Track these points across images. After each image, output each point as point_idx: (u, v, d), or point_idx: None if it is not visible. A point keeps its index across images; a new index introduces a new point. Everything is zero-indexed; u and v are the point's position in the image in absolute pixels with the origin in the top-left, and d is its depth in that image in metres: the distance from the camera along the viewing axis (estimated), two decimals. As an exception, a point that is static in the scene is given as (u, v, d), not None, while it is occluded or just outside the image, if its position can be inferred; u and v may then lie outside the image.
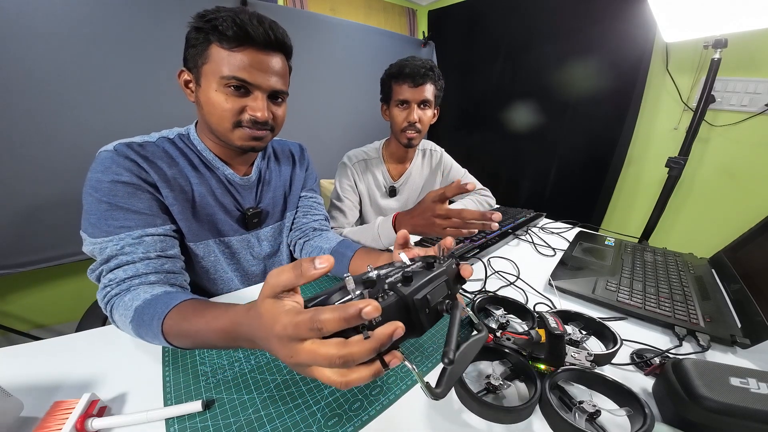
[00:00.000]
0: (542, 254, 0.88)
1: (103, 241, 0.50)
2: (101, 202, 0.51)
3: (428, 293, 0.32)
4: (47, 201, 1.17)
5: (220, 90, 0.55)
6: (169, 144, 0.61)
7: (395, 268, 0.37)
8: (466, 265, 0.40)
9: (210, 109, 0.57)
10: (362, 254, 0.65)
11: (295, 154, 0.82)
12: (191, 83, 0.59)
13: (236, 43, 0.53)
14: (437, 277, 0.35)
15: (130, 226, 0.51)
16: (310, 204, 0.82)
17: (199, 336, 0.39)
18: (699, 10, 0.96)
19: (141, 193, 0.54)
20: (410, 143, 1.02)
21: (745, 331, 0.53)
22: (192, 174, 0.62)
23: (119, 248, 0.50)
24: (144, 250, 0.51)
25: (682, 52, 1.37)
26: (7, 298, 1.32)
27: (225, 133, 0.59)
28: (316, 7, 1.94)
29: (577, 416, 0.37)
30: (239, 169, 0.68)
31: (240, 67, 0.54)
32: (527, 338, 0.45)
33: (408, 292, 0.30)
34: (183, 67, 0.59)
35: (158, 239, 0.54)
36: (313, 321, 0.25)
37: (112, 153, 0.54)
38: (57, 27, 1.09)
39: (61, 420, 0.34)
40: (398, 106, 0.99)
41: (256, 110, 0.57)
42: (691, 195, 1.44)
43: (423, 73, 0.94)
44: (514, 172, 2.06)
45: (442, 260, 0.39)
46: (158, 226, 0.54)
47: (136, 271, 0.50)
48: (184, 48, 0.58)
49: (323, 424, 0.37)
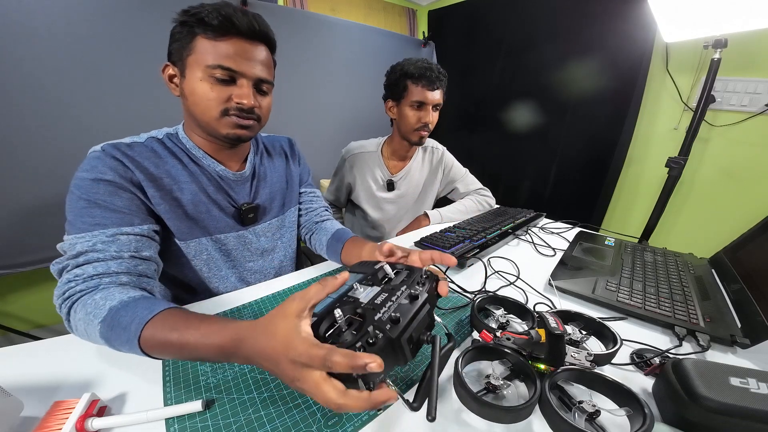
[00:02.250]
0: (542, 254, 0.88)
1: (74, 237, 0.49)
2: (80, 199, 0.50)
3: (413, 331, 0.35)
4: (47, 201, 1.17)
5: (206, 79, 0.55)
6: (158, 143, 0.61)
7: (381, 290, 0.41)
8: (444, 284, 0.44)
9: (195, 99, 0.57)
10: (350, 245, 0.71)
11: (286, 149, 0.83)
12: (176, 77, 0.59)
13: (221, 33, 0.54)
14: (421, 309, 0.38)
15: (106, 224, 0.50)
16: (309, 200, 0.86)
17: (187, 349, 0.38)
18: (699, 10, 0.96)
19: (122, 191, 0.53)
20: (421, 141, 1.10)
21: (745, 331, 0.53)
22: (181, 172, 0.61)
23: (91, 245, 0.48)
24: (117, 248, 0.49)
25: (682, 52, 1.37)
26: (7, 298, 1.32)
27: (211, 122, 0.59)
28: (316, 7, 1.94)
29: (576, 416, 0.37)
30: (231, 165, 0.68)
31: (225, 56, 0.55)
32: (527, 338, 0.45)
33: (396, 335, 0.33)
34: (167, 61, 0.59)
35: (133, 238, 0.52)
36: (326, 359, 0.29)
37: (100, 152, 0.54)
38: (56, 27, 1.09)
39: (61, 420, 0.34)
40: (413, 106, 1.03)
41: (242, 97, 0.57)
42: (691, 195, 1.44)
43: (440, 78, 1.01)
44: (515, 172, 2.06)
45: (422, 281, 0.43)
46: (135, 225, 0.53)
47: (107, 268, 0.48)
48: (169, 43, 0.58)
49: (323, 424, 0.37)
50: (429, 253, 0.52)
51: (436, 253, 0.52)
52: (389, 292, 0.39)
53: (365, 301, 0.38)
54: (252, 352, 0.34)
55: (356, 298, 0.39)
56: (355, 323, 0.36)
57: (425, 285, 0.42)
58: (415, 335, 0.35)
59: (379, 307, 0.36)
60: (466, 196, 1.25)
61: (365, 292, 0.40)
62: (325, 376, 0.30)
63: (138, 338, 0.39)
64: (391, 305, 0.37)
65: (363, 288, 0.41)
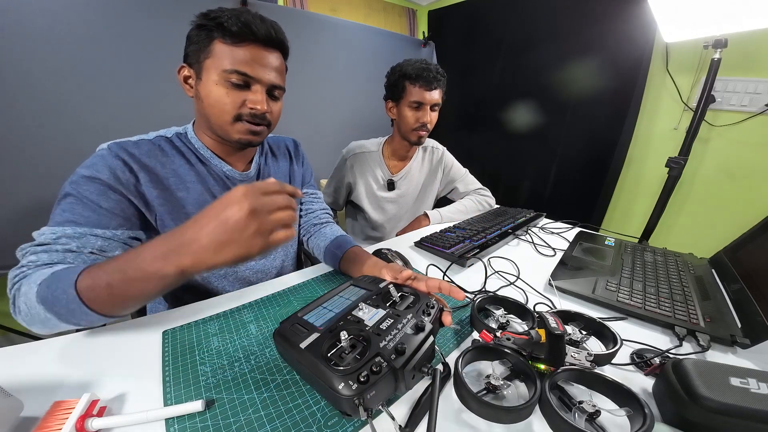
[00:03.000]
0: (542, 254, 0.88)
1: (47, 228, 0.49)
2: (69, 194, 0.51)
3: (416, 362, 0.36)
4: (47, 201, 1.15)
5: (221, 84, 0.56)
6: (166, 142, 0.62)
7: (387, 314, 0.42)
8: (448, 315, 0.45)
9: (210, 102, 0.58)
10: (351, 255, 0.68)
11: (290, 150, 0.84)
12: (191, 78, 0.59)
13: (239, 39, 0.55)
14: (425, 341, 0.39)
15: (80, 222, 0.50)
16: (310, 200, 0.87)
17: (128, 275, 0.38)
18: (699, 10, 0.96)
19: (111, 192, 0.53)
20: (420, 141, 1.10)
21: (745, 331, 0.53)
22: (189, 172, 0.62)
23: (55, 238, 0.48)
24: (80, 245, 0.49)
25: (682, 52, 1.37)
26: (7, 298, 1.32)
27: (224, 126, 0.60)
28: (316, 7, 1.94)
29: (576, 416, 0.37)
30: (237, 165, 0.69)
31: (242, 61, 0.56)
32: (527, 338, 0.45)
33: (400, 365, 0.34)
34: (183, 63, 0.60)
35: (101, 240, 0.51)
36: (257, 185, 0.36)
37: (106, 151, 0.55)
38: (57, 27, 1.09)
39: (61, 420, 0.34)
40: (411, 106, 1.04)
41: (256, 103, 0.58)
42: (691, 195, 1.44)
43: (438, 77, 1.01)
44: (515, 172, 2.06)
45: (428, 311, 0.44)
46: (109, 228, 0.52)
47: (62, 258, 0.47)
48: (186, 45, 0.59)
49: (323, 424, 0.37)
50: (438, 282, 0.53)
51: (445, 284, 0.52)
52: (395, 319, 0.40)
53: (370, 324, 0.39)
54: (199, 226, 0.37)
55: (361, 319, 0.40)
56: (358, 346, 0.37)
57: (431, 315, 0.43)
58: (417, 366, 0.37)
59: (384, 333, 0.38)
60: (466, 196, 1.25)
61: (370, 313, 0.41)
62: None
63: (76, 293, 0.39)
64: (397, 333, 0.38)
65: (368, 309, 0.42)
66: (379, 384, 0.32)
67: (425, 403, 0.37)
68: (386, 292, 0.48)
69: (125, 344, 0.49)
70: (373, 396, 0.32)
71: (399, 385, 0.35)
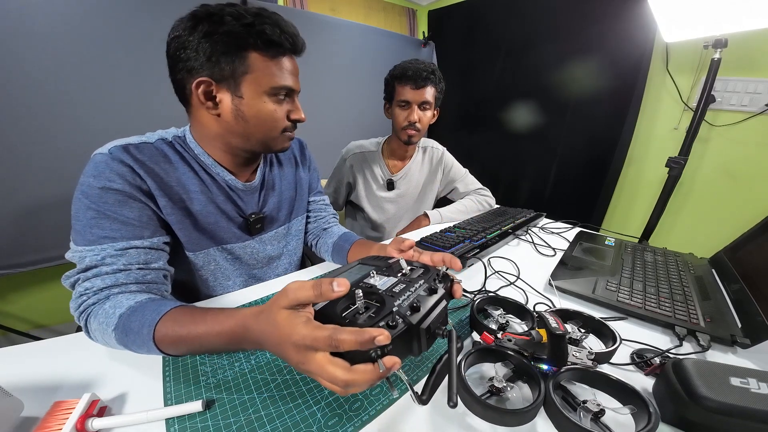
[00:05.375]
0: (542, 254, 0.88)
1: (84, 249, 0.48)
2: (89, 209, 0.48)
3: (431, 322, 0.35)
4: (47, 201, 1.17)
5: (270, 100, 0.56)
6: (168, 147, 0.58)
7: (399, 280, 0.40)
8: (458, 286, 0.44)
9: (260, 120, 0.57)
10: (357, 246, 0.73)
11: (296, 154, 0.82)
12: (216, 94, 0.54)
13: (279, 51, 0.55)
14: (439, 302, 0.37)
15: (115, 237, 0.49)
16: (319, 207, 0.87)
17: (199, 341, 0.40)
18: (699, 10, 0.96)
19: (132, 201, 0.51)
20: (410, 140, 1.08)
21: (745, 331, 0.53)
22: (192, 181, 0.59)
23: (100, 259, 0.47)
24: (126, 261, 0.49)
25: (682, 52, 1.37)
26: (7, 298, 1.32)
27: (268, 142, 0.61)
28: (316, 7, 1.94)
29: (581, 416, 0.37)
30: (242, 176, 0.67)
31: (287, 76, 0.57)
32: (528, 339, 0.45)
33: (416, 321, 0.33)
34: (201, 76, 0.52)
35: (143, 252, 0.51)
36: (332, 339, 0.29)
37: (107, 156, 0.51)
38: (56, 27, 1.09)
39: (62, 420, 0.34)
40: (400, 106, 1.04)
41: (300, 113, 0.62)
42: (691, 195, 1.45)
43: (425, 76, 1.00)
44: (515, 172, 2.06)
45: (439, 278, 0.42)
46: (145, 238, 0.52)
47: (115, 280, 0.48)
48: (192, 56, 0.52)
49: (323, 424, 0.37)
50: (440, 255, 0.53)
51: (447, 255, 0.53)
52: (407, 284, 0.39)
53: (383, 288, 0.38)
54: (259, 338, 0.35)
55: (373, 284, 0.39)
56: (371, 308, 0.35)
57: (442, 283, 0.42)
58: (432, 327, 0.35)
59: (398, 295, 0.36)
60: (466, 196, 1.25)
61: (382, 280, 0.40)
62: (330, 357, 0.30)
63: (153, 339, 0.41)
64: (410, 294, 0.37)
65: (379, 277, 0.41)
66: (395, 341, 0.31)
67: (441, 370, 0.35)
68: (396, 263, 0.46)
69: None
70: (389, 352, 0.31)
71: (413, 345, 0.34)
